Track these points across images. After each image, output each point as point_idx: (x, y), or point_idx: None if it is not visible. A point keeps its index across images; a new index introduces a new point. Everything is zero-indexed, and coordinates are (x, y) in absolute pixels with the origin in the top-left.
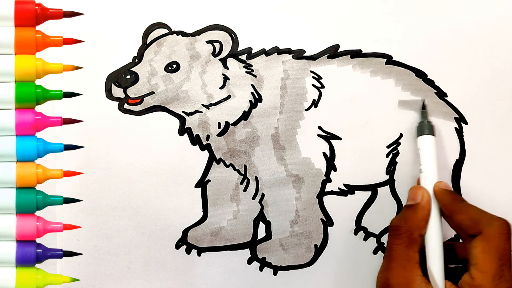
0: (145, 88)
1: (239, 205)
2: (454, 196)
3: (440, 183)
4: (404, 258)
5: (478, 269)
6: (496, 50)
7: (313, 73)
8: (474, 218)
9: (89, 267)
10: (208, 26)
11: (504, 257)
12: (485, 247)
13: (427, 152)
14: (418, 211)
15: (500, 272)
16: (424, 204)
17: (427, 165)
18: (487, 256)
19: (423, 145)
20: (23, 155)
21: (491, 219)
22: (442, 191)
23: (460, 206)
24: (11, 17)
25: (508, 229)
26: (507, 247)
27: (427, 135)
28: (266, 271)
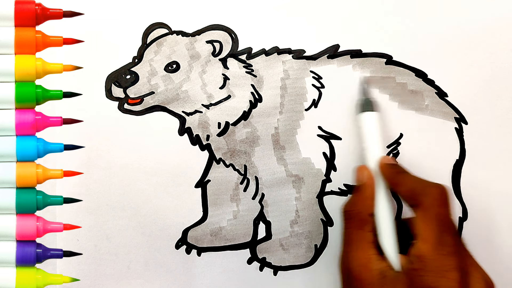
0: (145, 88)
1: (239, 205)
2: (395, 168)
3: (384, 158)
4: (358, 239)
5: (421, 239)
6: (496, 50)
7: (313, 73)
8: (412, 189)
9: (89, 267)
10: (208, 26)
11: (443, 224)
12: (424, 216)
13: (368, 129)
14: (364, 191)
15: (440, 239)
16: (369, 183)
17: (370, 142)
18: (426, 225)
19: (364, 122)
20: (23, 155)
21: (426, 187)
22: (383, 165)
23: (400, 178)
24: (11, 17)
25: (444, 194)
26: (444, 212)
27: (368, 111)
28: (266, 271)
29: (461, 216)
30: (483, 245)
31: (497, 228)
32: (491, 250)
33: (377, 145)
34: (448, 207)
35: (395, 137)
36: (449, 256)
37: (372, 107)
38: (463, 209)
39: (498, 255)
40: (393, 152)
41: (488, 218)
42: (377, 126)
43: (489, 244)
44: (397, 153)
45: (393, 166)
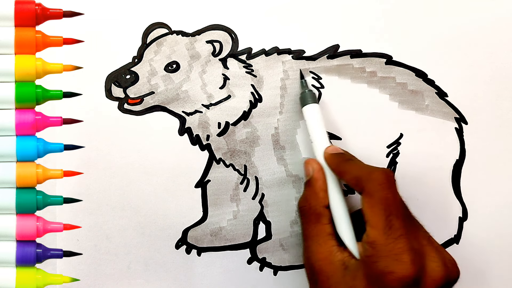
0: (145, 88)
1: (239, 205)
2: (340, 157)
3: (328, 148)
4: (316, 233)
5: (369, 225)
6: (496, 50)
7: (313, 73)
8: (356, 176)
9: (89, 267)
10: (208, 26)
11: (389, 207)
12: (370, 202)
13: (312, 121)
14: (314, 184)
15: (388, 223)
16: (317, 175)
17: (315, 134)
18: (373, 211)
19: (308, 115)
20: (23, 155)
21: (370, 173)
22: (328, 155)
23: (345, 166)
24: (11, 17)
25: (387, 178)
26: (389, 196)
27: (310, 103)
28: (266, 271)
29: (461, 216)
30: (483, 245)
31: (497, 228)
32: (491, 250)
33: (321, 136)
34: (393, 190)
35: (395, 137)
36: (399, 239)
37: (313, 99)
38: (463, 209)
39: (498, 255)
40: (393, 152)
41: (488, 218)
42: (320, 117)
43: (489, 244)
44: (397, 153)
45: (338, 155)
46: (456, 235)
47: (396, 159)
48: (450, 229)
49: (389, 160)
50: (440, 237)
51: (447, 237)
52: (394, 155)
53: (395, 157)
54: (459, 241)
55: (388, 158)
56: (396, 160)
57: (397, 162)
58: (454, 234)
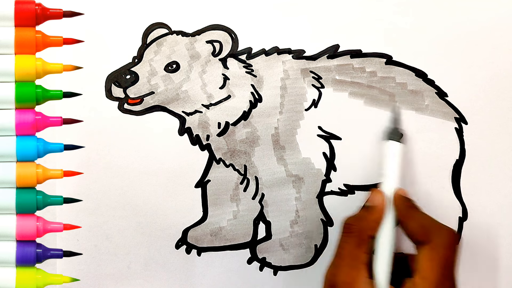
0: (145, 88)
1: (239, 205)
2: (409, 203)
3: (399, 190)
4: (352, 257)
5: (421, 276)
6: (496, 50)
7: (313, 73)
8: (424, 226)
9: (89, 267)
10: (208, 26)
11: (447, 267)
12: (430, 255)
13: (392, 158)
14: (373, 213)
15: (441, 280)
16: (380, 207)
17: (391, 171)
18: (431, 264)
19: (390, 150)
20: (23, 155)
21: (440, 228)
22: (399, 197)
23: (413, 214)
24: (11, 17)
25: (454, 239)
26: (451, 257)
27: (396, 141)
28: (266, 271)
29: (461, 216)
30: (483, 245)
31: (497, 228)
32: (491, 250)
33: (395, 176)
34: (456, 252)
35: None
36: None
37: (399, 138)
38: (463, 209)
39: (498, 255)
40: None
41: (488, 218)
42: (399, 157)
43: (489, 244)
44: None
45: (408, 200)
46: None
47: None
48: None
49: None
50: None
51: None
52: None
53: None
54: (459, 241)
55: None
56: None
57: None
58: None
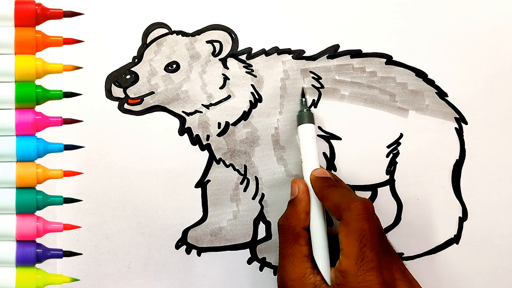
0: (145, 88)
1: (239, 205)
2: (325, 182)
3: (316, 171)
4: (292, 254)
5: (343, 254)
6: (496, 50)
7: (313, 73)
8: (336, 203)
9: (89, 267)
10: (208, 26)
11: (364, 239)
12: (346, 231)
13: (305, 141)
14: (297, 205)
15: (361, 254)
16: (301, 197)
17: (306, 154)
18: (348, 240)
19: (302, 134)
20: (23, 155)
21: (350, 202)
22: (315, 178)
23: (328, 192)
24: (11, 17)
25: (366, 209)
26: (365, 227)
27: (306, 123)
28: (266, 271)
29: (461, 216)
30: (483, 245)
31: (497, 228)
32: (491, 250)
33: (312, 158)
34: (371, 221)
35: (395, 137)
36: (370, 271)
37: (309, 120)
38: (463, 209)
39: (498, 255)
40: (393, 152)
41: (488, 218)
42: (313, 138)
43: (489, 244)
44: (397, 153)
45: (324, 179)
46: (456, 235)
47: (396, 159)
48: (450, 229)
49: (389, 160)
50: (440, 237)
51: (447, 237)
52: (394, 155)
53: (395, 157)
54: (459, 241)
55: (388, 158)
56: (396, 160)
57: (397, 162)
58: (454, 234)
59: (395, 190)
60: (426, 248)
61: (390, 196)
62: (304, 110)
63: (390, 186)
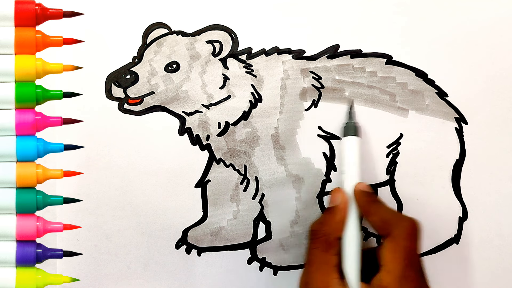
0: (145, 88)
1: (239, 205)
2: (369, 197)
3: (359, 184)
4: (322, 261)
5: (385, 270)
6: (496, 50)
7: (313, 73)
8: (384, 219)
9: (89, 267)
10: (208, 26)
11: (409, 257)
12: (392, 248)
13: (349, 153)
14: (336, 214)
15: (405, 272)
16: (342, 207)
17: (349, 166)
18: (393, 257)
19: (347, 146)
20: (23, 155)
21: (399, 220)
22: (359, 192)
23: (374, 207)
24: (11, 17)
25: (415, 229)
26: (413, 247)
27: (352, 136)
28: (266, 271)
29: (461, 216)
30: (483, 245)
31: (497, 228)
32: (491, 250)
33: (355, 171)
34: (417, 242)
35: (395, 137)
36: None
37: (355, 132)
38: (463, 209)
39: (498, 255)
40: (393, 152)
41: (488, 218)
42: (357, 151)
43: (489, 244)
44: (397, 153)
45: (368, 194)
46: (456, 235)
47: (396, 159)
48: (450, 229)
49: (389, 160)
50: (440, 237)
51: (447, 237)
52: (394, 155)
53: (395, 157)
54: (459, 241)
55: (388, 158)
56: (396, 160)
57: (397, 162)
58: (454, 234)
59: (395, 190)
60: (426, 248)
61: (390, 196)
62: (351, 122)
63: (390, 186)
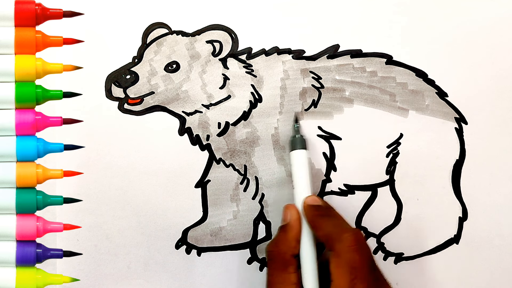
0: (145, 88)
1: (239, 205)
2: (317, 211)
3: (308, 198)
4: (280, 281)
5: (334, 285)
6: (496, 50)
7: (313, 73)
8: (327, 234)
9: (89, 267)
10: (208, 26)
11: (355, 270)
12: (337, 263)
13: (298, 167)
14: (288, 232)
15: (352, 286)
16: (293, 224)
17: (298, 180)
18: (339, 271)
19: (294, 160)
20: (23, 155)
21: (340, 233)
22: (307, 207)
23: (319, 221)
24: (11, 17)
25: (356, 240)
26: (356, 259)
27: (298, 149)
28: (266, 271)
29: (461, 216)
30: (483, 245)
31: (497, 228)
32: (491, 250)
33: (305, 184)
34: (362, 252)
35: (395, 137)
36: None
37: (302, 146)
38: (463, 209)
39: (498, 255)
40: (393, 152)
41: (488, 218)
42: (306, 165)
43: (489, 244)
44: (397, 153)
45: (315, 208)
46: (456, 235)
47: (396, 159)
48: (450, 229)
49: (389, 160)
50: (440, 237)
51: (447, 237)
52: (394, 155)
53: (395, 157)
54: (459, 241)
55: (388, 158)
56: (396, 160)
57: (397, 162)
58: (454, 234)
59: (395, 190)
60: (426, 248)
61: (390, 196)
62: (296, 136)
63: (390, 186)
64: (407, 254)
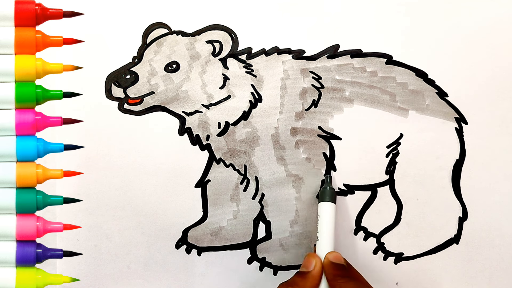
0: (145, 88)
1: (239, 205)
2: (338, 271)
3: (330, 254)
4: None
5: None
6: (496, 50)
7: (313, 73)
8: None
9: (89, 267)
10: (208, 26)
11: None
12: None
13: (325, 220)
14: (308, 280)
15: None
16: (315, 274)
17: (324, 233)
18: None
19: (323, 212)
20: (23, 155)
21: None
22: (328, 264)
23: (340, 283)
24: (11, 17)
25: None
26: None
27: (328, 202)
28: (266, 271)
29: (461, 216)
30: (483, 245)
31: (497, 228)
32: (491, 250)
33: (329, 238)
34: None
35: (395, 137)
36: None
37: (331, 198)
38: (463, 209)
39: (498, 255)
40: (393, 152)
41: (488, 218)
42: (332, 218)
43: (489, 244)
44: (397, 153)
45: (337, 267)
46: (456, 235)
47: (396, 159)
48: (450, 229)
49: (389, 160)
50: (440, 237)
51: (447, 237)
52: (394, 155)
53: (395, 157)
54: (459, 241)
55: (388, 158)
56: (396, 160)
57: (397, 162)
58: (454, 234)
59: (395, 190)
60: (426, 248)
61: (390, 196)
62: (328, 188)
63: (390, 186)
64: (407, 254)
